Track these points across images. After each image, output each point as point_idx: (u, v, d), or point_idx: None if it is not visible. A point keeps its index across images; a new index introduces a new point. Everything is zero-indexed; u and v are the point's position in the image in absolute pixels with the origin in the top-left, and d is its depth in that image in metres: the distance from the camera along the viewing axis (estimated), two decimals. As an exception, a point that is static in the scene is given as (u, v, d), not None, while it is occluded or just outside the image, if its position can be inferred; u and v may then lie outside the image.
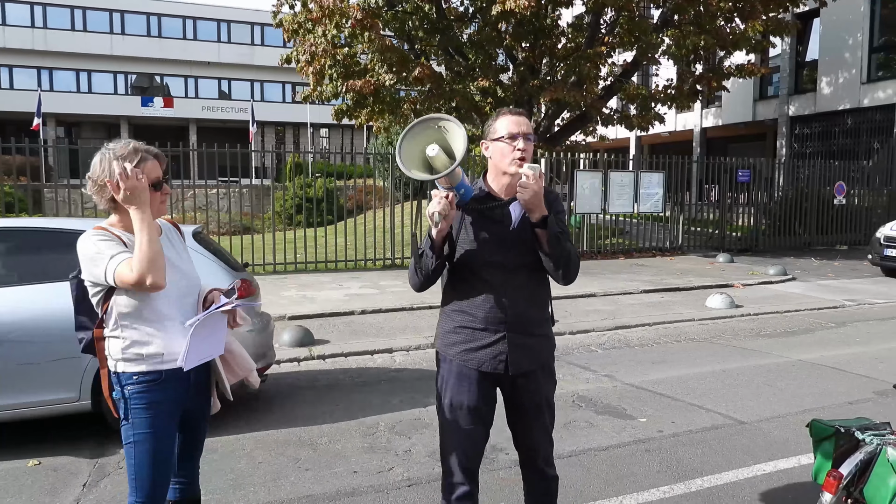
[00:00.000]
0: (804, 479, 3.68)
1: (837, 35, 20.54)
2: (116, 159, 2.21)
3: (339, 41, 14.22)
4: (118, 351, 2.26)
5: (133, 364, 2.25)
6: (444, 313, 2.55)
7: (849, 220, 17.24)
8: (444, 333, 2.52)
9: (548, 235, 2.36)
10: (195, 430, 2.53)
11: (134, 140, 2.36)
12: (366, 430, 4.55)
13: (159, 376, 2.26)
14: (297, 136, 44.11)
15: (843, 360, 6.44)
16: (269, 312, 8.27)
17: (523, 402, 2.54)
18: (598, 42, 14.71)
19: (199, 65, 41.76)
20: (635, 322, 8.13)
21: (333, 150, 13.23)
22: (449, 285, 2.53)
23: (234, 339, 2.57)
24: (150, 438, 2.27)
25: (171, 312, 2.29)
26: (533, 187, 2.27)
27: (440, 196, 2.27)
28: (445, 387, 2.50)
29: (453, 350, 2.48)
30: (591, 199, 14.23)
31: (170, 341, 2.27)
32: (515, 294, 2.45)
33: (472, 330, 2.44)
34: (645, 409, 5.00)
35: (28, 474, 3.83)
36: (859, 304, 9.57)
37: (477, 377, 2.45)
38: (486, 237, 2.42)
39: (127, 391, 2.26)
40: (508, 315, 2.43)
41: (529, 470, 2.67)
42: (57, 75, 39.75)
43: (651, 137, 27.82)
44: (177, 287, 2.31)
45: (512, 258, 2.43)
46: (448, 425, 2.50)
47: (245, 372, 2.59)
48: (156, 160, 2.30)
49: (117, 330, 2.26)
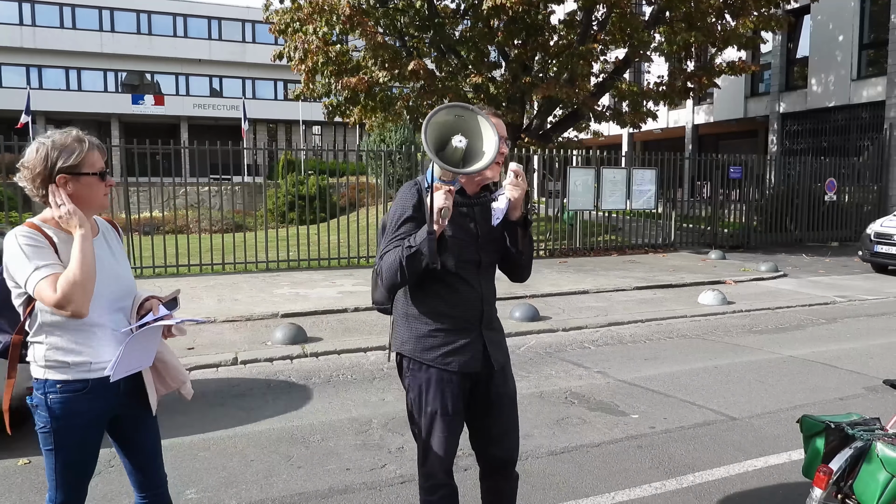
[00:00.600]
0: (795, 475, 3.70)
1: (828, 32, 20.64)
2: (55, 150, 2.08)
3: (330, 38, 14.18)
4: (41, 357, 2.11)
5: (57, 371, 2.11)
6: (410, 317, 2.43)
7: (839, 217, 17.34)
8: (416, 338, 2.41)
9: (525, 234, 2.40)
10: (137, 440, 2.35)
11: (76, 129, 2.21)
12: (358, 427, 4.54)
13: (85, 385, 2.13)
14: (290, 134, 43.98)
15: (834, 356, 6.48)
16: (263, 310, 8.29)
17: (501, 396, 2.52)
18: (591, 39, 14.73)
19: (190, 62, 41.56)
20: (628, 319, 8.15)
21: (326, 148, 13.16)
22: (415, 287, 2.40)
23: (168, 349, 2.41)
24: (72, 448, 2.15)
25: (102, 320, 2.15)
26: (522, 185, 2.31)
27: (445, 190, 2.18)
28: (425, 396, 2.41)
29: (431, 355, 2.38)
30: (583, 196, 14.25)
31: (99, 350, 2.14)
32: (487, 291, 2.47)
33: (448, 331, 2.39)
34: (637, 405, 5.01)
35: (18, 473, 3.81)
36: (850, 300, 9.62)
37: (458, 380, 2.40)
38: (462, 235, 2.38)
39: (49, 399, 2.11)
40: (484, 313, 2.44)
41: (498, 473, 2.59)
42: (46, 73, 39.47)
43: (643, 134, 27.88)
44: (110, 293, 2.17)
45: (484, 256, 2.44)
46: (430, 433, 2.43)
47: (177, 383, 2.43)
48: (98, 150, 2.17)
49: (41, 335, 2.11)
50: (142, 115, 40.24)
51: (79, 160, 2.11)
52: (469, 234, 2.40)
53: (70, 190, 2.13)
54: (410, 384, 2.46)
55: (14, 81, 38.20)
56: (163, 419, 4.60)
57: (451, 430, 2.43)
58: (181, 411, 4.78)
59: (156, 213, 15.52)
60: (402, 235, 2.31)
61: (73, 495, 2.23)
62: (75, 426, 2.15)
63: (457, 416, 2.44)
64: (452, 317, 2.39)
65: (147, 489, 2.40)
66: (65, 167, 2.10)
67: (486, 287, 2.47)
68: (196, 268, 11.44)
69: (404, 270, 2.24)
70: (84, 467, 2.23)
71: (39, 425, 2.15)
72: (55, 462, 2.17)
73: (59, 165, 2.10)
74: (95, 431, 2.22)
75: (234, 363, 6.14)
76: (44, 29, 38.27)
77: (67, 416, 2.13)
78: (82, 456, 2.20)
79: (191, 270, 11.37)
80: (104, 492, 3.57)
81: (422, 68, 13.31)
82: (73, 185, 2.13)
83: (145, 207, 14.47)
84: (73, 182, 2.13)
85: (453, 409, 2.41)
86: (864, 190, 17.91)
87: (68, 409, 2.13)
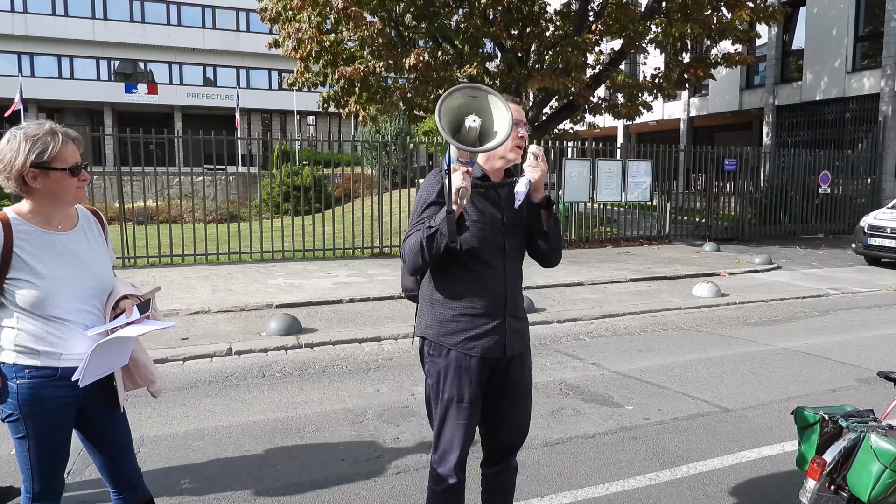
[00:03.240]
0: (788, 466, 3.72)
1: (823, 24, 20.63)
2: (27, 141, 2.05)
3: (325, 27, 14.09)
4: (11, 342, 2.11)
5: (26, 357, 2.10)
6: (434, 302, 2.44)
7: (833, 210, 17.40)
8: (439, 322, 2.41)
9: (549, 216, 2.41)
10: (107, 434, 2.32)
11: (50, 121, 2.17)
12: (353, 418, 4.54)
13: (54, 372, 2.12)
14: (284, 124, 43.77)
15: (827, 347, 6.51)
16: (258, 300, 8.27)
17: (515, 385, 2.52)
18: (587, 30, 14.67)
19: (184, 51, 41.23)
20: (622, 310, 8.16)
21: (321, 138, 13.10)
22: (439, 272, 2.42)
23: (140, 347, 2.39)
24: (43, 434, 2.14)
25: (71, 316, 2.14)
26: (542, 167, 2.32)
27: (462, 170, 2.16)
28: (443, 383, 2.42)
29: (453, 339, 2.39)
30: (579, 188, 14.25)
31: (70, 342, 2.13)
32: (513, 278, 2.46)
33: (472, 317, 2.39)
34: (632, 396, 5.03)
35: (11, 462, 3.80)
36: (843, 292, 9.67)
37: (477, 366, 2.40)
38: (486, 220, 2.38)
39: (17, 384, 2.10)
40: (508, 299, 2.43)
41: (501, 463, 2.62)
42: (38, 61, 39.08)
43: (638, 126, 27.88)
44: (82, 289, 2.16)
45: (509, 240, 2.44)
46: (445, 420, 2.43)
47: (146, 382, 2.40)
48: (74, 143, 2.13)
49: (12, 320, 2.10)
50: (135, 104, 39.95)
51: (51, 155, 2.07)
52: (494, 219, 2.40)
53: (39, 185, 2.10)
54: (430, 369, 2.47)
55: (5, 69, 37.83)
56: (157, 410, 4.61)
57: (466, 419, 2.42)
58: (176, 402, 4.77)
59: (149, 203, 15.45)
60: (425, 219, 2.32)
61: (48, 484, 2.21)
62: (44, 411, 2.13)
63: (473, 406, 2.43)
64: (476, 302, 2.39)
65: (120, 484, 2.37)
66: (36, 162, 2.06)
67: (511, 273, 2.46)
68: (190, 258, 11.40)
69: (424, 251, 2.24)
70: (57, 453, 2.21)
71: (7, 413, 2.14)
72: (28, 450, 2.16)
73: (30, 159, 2.05)
74: (65, 417, 2.20)
75: (228, 353, 6.12)
76: (35, 16, 37.88)
77: (35, 402, 2.12)
78: (54, 441, 2.18)
79: (185, 260, 11.33)
80: (98, 480, 3.55)
81: (421, 60, 13.24)
82: (42, 180, 2.09)
83: (139, 197, 14.41)
84: (43, 177, 2.09)
85: (470, 398, 2.41)
86: (859, 182, 17.96)
87: (36, 394, 2.12)
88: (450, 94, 2.15)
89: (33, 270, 2.10)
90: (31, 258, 2.10)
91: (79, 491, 3.48)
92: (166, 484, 3.55)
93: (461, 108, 2.20)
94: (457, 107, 2.19)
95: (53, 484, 2.24)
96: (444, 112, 2.14)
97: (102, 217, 2.39)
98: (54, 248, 2.15)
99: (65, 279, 2.14)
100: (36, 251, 2.11)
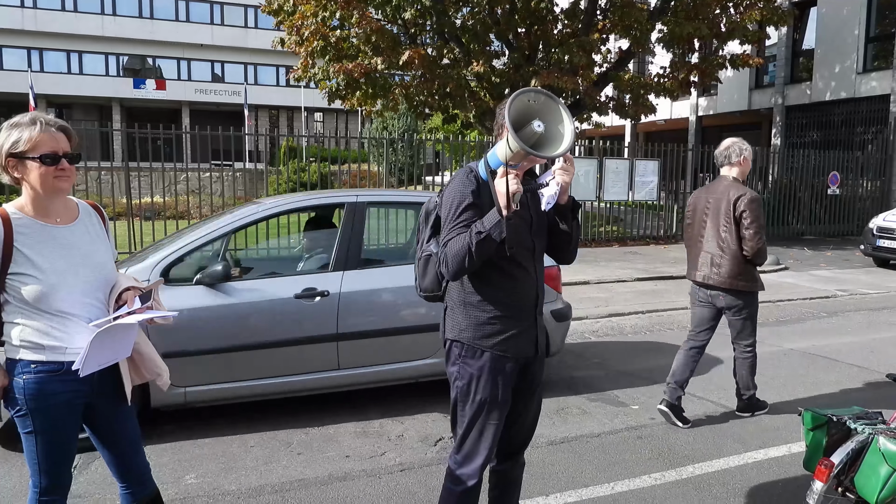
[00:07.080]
0: (795, 468, 3.70)
1: (834, 25, 20.49)
2: (8, 131, 2.08)
3: (330, 23, 14.08)
4: (16, 337, 2.12)
5: (32, 352, 2.11)
6: (468, 305, 2.42)
7: (842, 211, 17.29)
8: (475, 326, 2.40)
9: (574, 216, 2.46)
10: (115, 429, 2.32)
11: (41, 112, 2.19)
12: (358, 414, 4.54)
13: (60, 367, 2.12)
14: (292, 120, 43.84)
15: (835, 349, 6.47)
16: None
17: (536, 383, 2.58)
18: (594, 29, 14.62)
19: (192, 47, 41.37)
20: (628, 310, 8.14)
21: (328, 135, 13.12)
22: (473, 275, 2.39)
23: (146, 340, 2.37)
24: (50, 429, 2.15)
25: (75, 310, 2.14)
26: (571, 170, 2.33)
27: (514, 174, 2.16)
28: (475, 384, 2.41)
29: (490, 341, 2.39)
30: (586, 187, 14.22)
31: (74, 336, 2.13)
32: (541, 278, 2.50)
33: (507, 318, 2.40)
34: (637, 396, 5.01)
35: (18, 457, 3.81)
36: (851, 294, 9.61)
37: (510, 368, 2.42)
38: (518, 223, 2.36)
39: (23, 380, 2.11)
40: (538, 298, 2.48)
41: (511, 458, 2.65)
42: (48, 56, 39.29)
43: (647, 125, 27.77)
44: (84, 282, 2.16)
45: (538, 241, 2.47)
46: (474, 422, 2.43)
47: (152, 375, 2.38)
48: (61, 132, 2.12)
49: (16, 316, 2.11)
50: (143, 100, 40.10)
51: (25, 144, 2.08)
52: (524, 221, 2.40)
53: (18, 174, 2.11)
54: (460, 372, 2.44)
55: (15, 64, 38.05)
56: (163, 404, 4.59)
57: (497, 419, 2.44)
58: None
59: (157, 199, 15.48)
60: (464, 222, 2.29)
61: (56, 479, 2.22)
62: (50, 406, 2.14)
63: (505, 406, 2.45)
64: (511, 304, 2.41)
65: (129, 479, 2.37)
66: (10, 151, 2.08)
67: (539, 273, 2.50)
68: (197, 253, 11.39)
69: (473, 256, 2.23)
70: (64, 448, 2.22)
71: (15, 408, 2.15)
72: (35, 445, 2.16)
73: (7, 149, 2.08)
74: (72, 412, 2.20)
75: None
76: (45, 11, 38.07)
77: (42, 397, 2.12)
78: (61, 437, 2.19)
79: (191, 256, 11.32)
80: (104, 475, 3.56)
81: (417, 57, 13.19)
82: (21, 169, 2.11)
83: (146, 192, 14.44)
84: (21, 167, 2.10)
85: (502, 398, 2.43)
86: (868, 184, 17.84)
87: (42, 389, 2.12)
88: (518, 95, 2.16)
89: (34, 264, 2.09)
90: (32, 252, 2.10)
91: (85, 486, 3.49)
92: (172, 478, 3.56)
93: (524, 110, 2.21)
94: (524, 109, 2.20)
95: (61, 479, 2.24)
96: (511, 112, 2.14)
97: (102, 211, 2.39)
98: (54, 241, 2.15)
99: (66, 272, 2.13)
100: (36, 245, 2.11)
